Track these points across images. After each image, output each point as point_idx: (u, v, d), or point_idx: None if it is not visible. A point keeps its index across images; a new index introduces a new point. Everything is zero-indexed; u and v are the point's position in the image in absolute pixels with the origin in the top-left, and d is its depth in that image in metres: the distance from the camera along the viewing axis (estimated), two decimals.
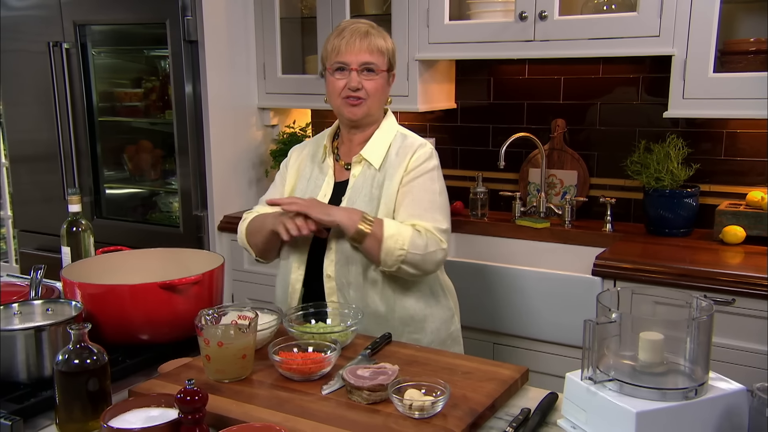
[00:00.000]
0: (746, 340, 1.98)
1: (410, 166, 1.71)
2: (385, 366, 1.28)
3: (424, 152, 1.73)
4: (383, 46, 1.71)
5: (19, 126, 3.29)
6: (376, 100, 1.73)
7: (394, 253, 1.60)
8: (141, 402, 1.18)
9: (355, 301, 1.69)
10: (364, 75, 1.69)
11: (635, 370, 1.06)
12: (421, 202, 1.68)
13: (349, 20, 1.78)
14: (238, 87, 2.96)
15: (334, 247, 1.69)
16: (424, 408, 1.15)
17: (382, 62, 1.71)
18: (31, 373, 1.30)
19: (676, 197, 2.37)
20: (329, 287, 1.70)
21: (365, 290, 1.69)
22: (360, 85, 1.69)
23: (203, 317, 1.35)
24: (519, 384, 1.32)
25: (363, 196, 1.72)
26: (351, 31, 1.69)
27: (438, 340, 1.77)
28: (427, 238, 1.64)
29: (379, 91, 1.72)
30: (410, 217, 1.66)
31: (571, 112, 2.72)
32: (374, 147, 1.75)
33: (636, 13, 2.24)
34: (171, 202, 3.15)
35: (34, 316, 1.41)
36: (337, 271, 1.69)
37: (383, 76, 1.72)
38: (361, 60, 1.68)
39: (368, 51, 1.69)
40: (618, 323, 1.08)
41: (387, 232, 1.60)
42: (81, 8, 2.96)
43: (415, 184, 1.69)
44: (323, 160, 1.82)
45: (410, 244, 1.61)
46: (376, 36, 1.71)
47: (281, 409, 1.20)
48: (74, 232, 1.75)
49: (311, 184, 1.80)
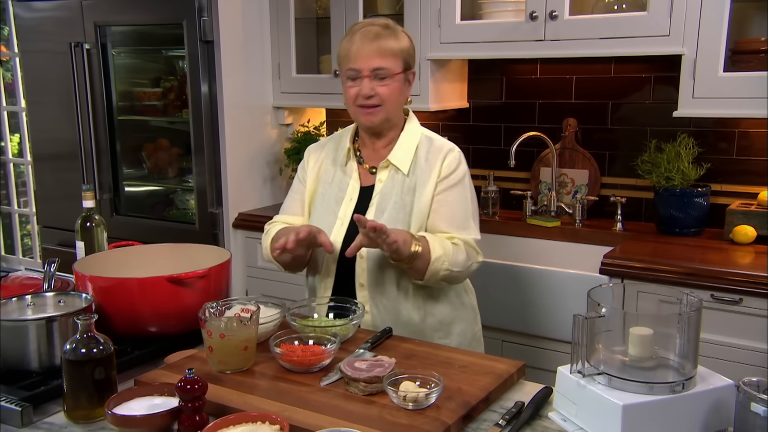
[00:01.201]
0: (753, 339, 1.97)
1: (443, 172, 1.68)
2: (383, 359, 1.30)
3: (454, 158, 1.70)
4: (396, 47, 1.64)
5: (42, 125, 3.38)
6: (392, 105, 1.66)
7: (439, 273, 1.60)
8: (145, 390, 1.22)
9: (388, 309, 1.66)
10: (376, 81, 1.63)
11: (625, 364, 1.07)
12: (457, 213, 1.67)
13: (363, 21, 1.71)
14: (253, 86, 3.01)
15: (366, 254, 1.65)
16: (418, 399, 1.17)
17: (396, 65, 1.64)
18: (42, 361, 1.35)
19: (686, 197, 2.36)
20: (362, 296, 1.66)
21: (398, 299, 1.67)
22: (373, 92, 1.62)
23: (207, 310, 1.38)
24: (515, 378, 1.33)
25: (393, 202, 1.68)
26: (362, 35, 1.63)
27: (465, 343, 1.75)
28: (467, 252, 1.64)
29: (395, 94, 1.65)
30: (448, 228, 1.65)
31: (582, 111, 2.72)
32: (401, 152, 1.70)
33: (646, 13, 2.24)
34: (188, 199, 3.21)
35: (46, 307, 1.46)
36: (370, 280, 1.66)
37: (398, 79, 1.65)
38: (372, 66, 1.61)
39: (379, 55, 1.61)
40: (609, 318, 1.09)
41: (434, 254, 1.57)
42: (101, 10, 3.03)
43: (450, 194, 1.67)
44: (346, 163, 1.76)
45: (453, 262, 1.60)
46: (388, 37, 1.63)
47: (280, 399, 1.23)
48: (88, 227, 1.80)
49: (335, 187, 1.75)
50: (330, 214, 1.72)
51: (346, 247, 1.60)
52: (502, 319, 2.39)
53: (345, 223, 1.70)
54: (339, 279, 1.71)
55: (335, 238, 1.69)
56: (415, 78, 1.74)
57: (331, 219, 1.72)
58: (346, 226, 1.70)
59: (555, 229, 2.64)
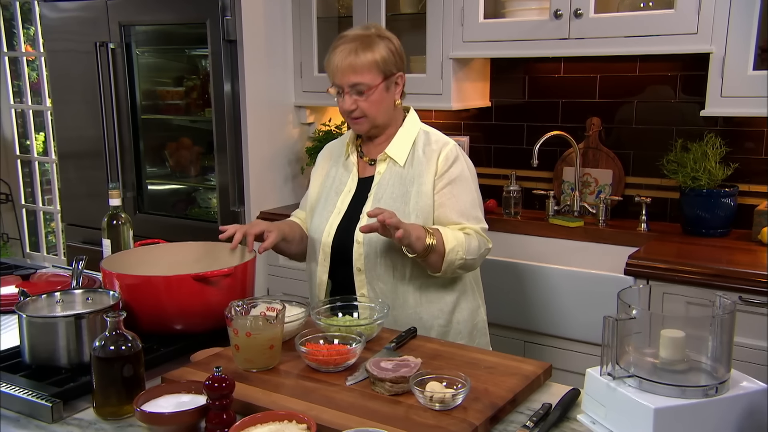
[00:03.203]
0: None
1: (440, 169, 1.73)
2: (408, 359, 1.30)
3: (449, 152, 1.75)
4: (371, 59, 1.66)
5: (67, 124, 3.42)
6: (376, 114, 1.72)
7: (455, 263, 1.66)
8: (172, 388, 1.23)
9: (384, 293, 1.72)
10: (356, 95, 1.69)
11: (656, 367, 1.06)
12: (465, 204, 1.73)
13: (343, 34, 1.73)
14: (275, 85, 3.02)
15: (363, 240, 1.72)
16: (445, 400, 1.17)
17: (373, 77, 1.67)
18: (71, 358, 1.36)
19: (713, 197, 2.33)
20: (359, 280, 1.72)
21: (395, 283, 1.72)
22: (354, 105, 1.70)
23: (233, 308, 1.39)
24: (542, 380, 1.32)
25: (390, 192, 1.74)
26: (339, 52, 1.68)
27: (465, 331, 1.80)
28: (478, 240, 1.71)
29: (375, 105, 1.70)
30: (459, 219, 1.71)
31: (606, 110, 2.69)
32: (398, 144, 1.77)
33: (673, 11, 2.21)
34: (210, 198, 3.23)
35: (74, 304, 1.48)
36: (367, 264, 1.72)
37: (378, 90, 1.69)
38: (350, 82, 1.67)
39: (353, 72, 1.66)
40: (639, 320, 1.08)
41: (448, 245, 1.63)
42: (126, 10, 3.06)
43: (455, 188, 1.72)
44: (347, 157, 1.85)
45: (467, 250, 1.67)
46: (364, 50, 1.66)
47: (306, 398, 1.24)
48: (114, 225, 1.82)
49: (336, 181, 1.84)
50: (330, 204, 1.81)
51: (341, 235, 1.74)
52: (525, 319, 2.38)
53: (341, 212, 1.79)
54: (336, 264, 1.76)
55: (330, 225, 1.77)
56: (404, 79, 1.76)
57: (330, 209, 1.80)
58: (341, 215, 1.78)
59: (578, 229, 2.62)
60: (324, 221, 1.79)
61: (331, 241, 1.76)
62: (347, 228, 1.75)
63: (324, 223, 1.78)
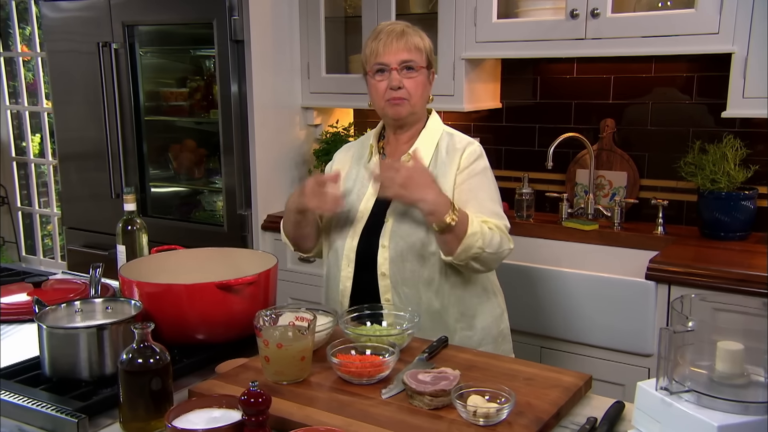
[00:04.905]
0: None
1: (462, 164, 1.72)
2: (446, 371, 1.26)
3: (473, 150, 1.75)
4: (420, 43, 1.72)
5: (68, 125, 3.35)
6: (418, 98, 1.73)
7: (472, 249, 1.59)
8: (203, 402, 1.17)
9: (409, 298, 1.68)
10: (404, 73, 1.69)
11: (713, 380, 1.02)
12: (486, 200, 1.70)
13: (385, 23, 1.79)
14: (282, 86, 2.97)
15: (388, 244, 1.68)
16: (489, 415, 1.12)
17: (421, 59, 1.71)
18: (93, 370, 1.31)
19: (732, 200, 2.30)
20: (383, 285, 1.68)
21: (420, 288, 1.68)
22: (401, 84, 1.69)
23: (261, 318, 1.34)
24: (583, 392, 1.28)
25: None
26: (387, 33, 1.70)
27: (489, 337, 1.77)
28: (500, 237, 1.66)
29: (420, 88, 1.72)
30: (480, 213, 1.66)
31: (621, 111, 2.66)
32: (422, 145, 1.76)
33: (694, 10, 2.18)
34: (215, 200, 3.17)
35: (95, 314, 1.43)
36: (392, 269, 1.68)
37: (423, 74, 1.72)
38: (400, 59, 1.68)
39: (406, 49, 1.69)
40: (695, 331, 1.04)
41: (471, 229, 1.58)
42: (130, 9, 3.00)
43: (475, 183, 1.70)
44: (369, 159, 1.81)
45: (488, 242, 1.61)
46: (413, 35, 1.72)
47: (342, 412, 1.19)
48: (129, 230, 1.77)
49: (357, 183, 1.80)
50: (353, 209, 1.77)
51: (366, 239, 1.70)
52: (541, 324, 2.34)
53: (365, 215, 1.75)
54: (359, 269, 1.73)
55: (354, 230, 1.73)
56: (434, 78, 1.80)
57: (353, 213, 1.76)
58: (365, 219, 1.74)
59: (593, 233, 2.59)
60: (348, 226, 1.75)
61: (356, 245, 1.72)
62: (372, 232, 1.71)
63: (348, 228, 1.74)
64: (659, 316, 2.13)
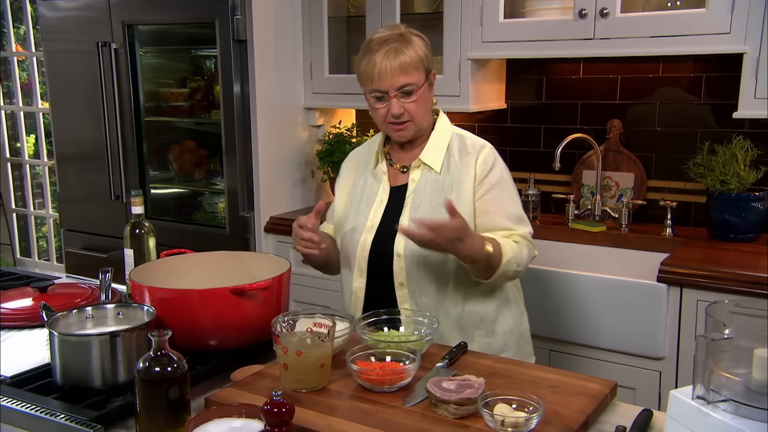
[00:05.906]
0: None
1: (479, 175, 1.66)
2: (470, 378, 1.23)
3: (488, 155, 1.69)
4: (415, 58, 1.60)
5: (66, 125, 3.29)
6: (422, 117, 1.66)
7: (507, 273, 1.59)
8: (223, 412, 1.14)
9: (428, 306, 1.64)
10: (403, 98, 1.60)
11: (749, 389, 1.00)
12: (511, 208, 1.67)
13: (377, 36, 1.63)
14: (285, 87, 2.93)
15: (404, 253, 1.64)
16: (518, 424, 1.10)
17: (419, 76, 1.61)
18: (105, 378, 1.27)
19: (742, 201, 2.29)
20: (401, 294, 1.65)
21: (438, 296, 1.65)
22: (402, 109, 1.61)
23: (279, 324, 1.31)
24: (608, 399, 1.26)
25: (428, 200, 1.66)
26: (382, 54, 1.57)
27: (511, 342, 1.73)
28: (528, 248, 1.64)
29: (423, 106, 1.64)
30: (507, 224, 1.64)
31: (628, 112, 2.64)
32: (432, 150, 1.70)
33: (705, 10, 2.16)
34: (216, 202, 3.13)
35: (106, 320, 1.39)
36: (409, 278, 1.64)
37: (424, 88, 1.63)
38: (397, 84, 1.58)
39: (401, 72, 1.57)
40: (731, 339, 1.01)
41: (505, 257, 1.56)
42: (130, 9, 2.95)
43: (497, 192, 1.66)
44: (375, 166, 1.76)
45: (520, 262, 1.61)
46: (407, 48, 1.59)
47: (365, 422, 1.16)
48: (137, 234, 1.73)
49: (366, 192, 1.75)
50: (361, 217, 1.72)
51: (377, 248, 1.66)
52: (549, 327, 2.31)
53: (375, 225, 1.69)
54: (374, 278, 1.68)
55: (365, 240, 1.68)
56: (436, 77, 1.71)
57: (362, 222, 1.71)
58: (375, 228, 1.69)
59: (601, 234, 2.57)
60: (357, 235, 1.69)
61: (367, 255, 1.67)
62: (383, 241, 1.66)
63: (358, 237, 1.69)
64: (671, 318, 2.11)
